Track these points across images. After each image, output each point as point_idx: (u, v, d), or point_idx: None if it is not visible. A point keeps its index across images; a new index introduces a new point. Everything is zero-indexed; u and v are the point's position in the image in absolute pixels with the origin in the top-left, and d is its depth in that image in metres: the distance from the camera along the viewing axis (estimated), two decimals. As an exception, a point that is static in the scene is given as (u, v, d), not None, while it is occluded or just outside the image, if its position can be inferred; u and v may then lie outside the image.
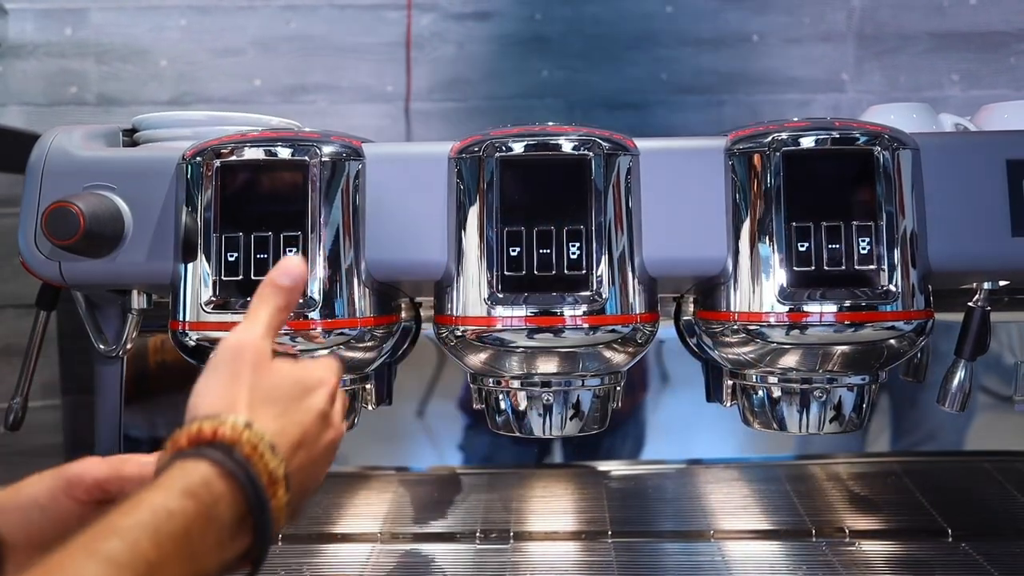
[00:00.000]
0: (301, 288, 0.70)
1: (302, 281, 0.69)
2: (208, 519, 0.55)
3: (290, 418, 0.64)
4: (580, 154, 0.90)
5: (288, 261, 0.69)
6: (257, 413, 0.61)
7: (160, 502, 0.54)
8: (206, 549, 0.55)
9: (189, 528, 0.54)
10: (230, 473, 0.57)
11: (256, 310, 0.67)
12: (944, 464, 1.25)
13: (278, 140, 0.93)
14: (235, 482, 0.57)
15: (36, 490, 0.68)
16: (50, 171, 0.95)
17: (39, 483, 0.69)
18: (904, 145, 0.91)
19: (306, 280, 0.72)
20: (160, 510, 0.53)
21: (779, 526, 1.18)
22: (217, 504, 0.56)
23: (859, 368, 0.93)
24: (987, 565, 1.06)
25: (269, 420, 0.62)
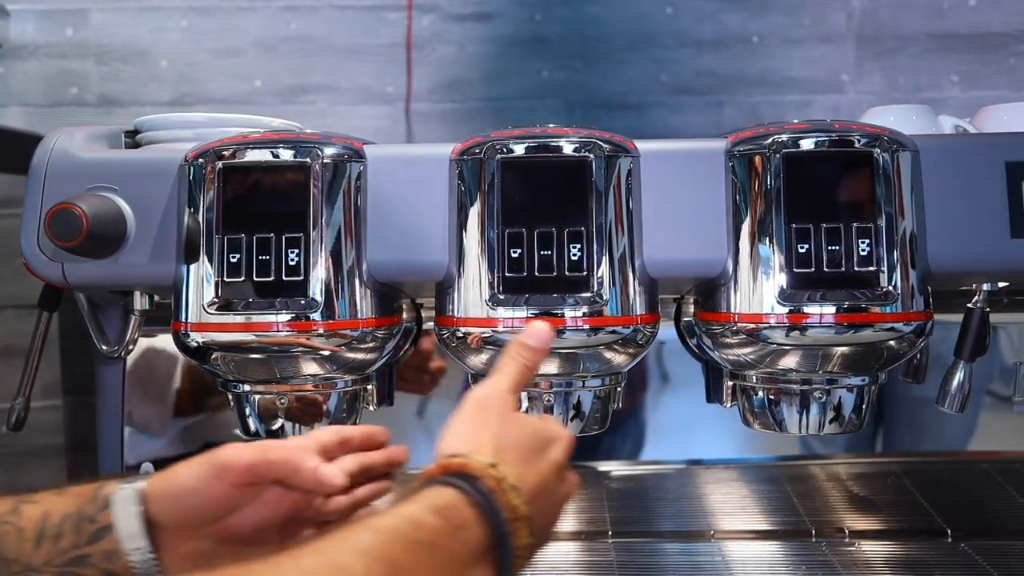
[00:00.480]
0: (546, 351, 0.76)
1: (548, 344, 0.76)
2: (453, 538, 0.59)
3: (531, 466, 0.67)
4: (581, 156, 0.91)
5: (536, 325, 0.76)
6: (501, 457, 0.65)
7: (411, 513, 0.59)
8: (448, 567, 0.59)
9: (436, 542, 0.58)
10: (476, 502, 0.61)
11: (504, 366, 0.73)
12: (944, 465, 1.25)
13: (280, 142, 0.93)
14: (480, 510, 0.61)
15: (188, 477, 0.73)
16: (53, 173, 0.95)
17: (191, 470, 0.74)
18: (904, 147, 0.91)
19: (551, 344, 0.77)
20: (411, 519, 0.58)
21: (779, 526, 1.19)
22: (463, 528, 0.60)
23: (859, 369, 0.94)
24: (987, 566, 1.07)
25: (512, 464, 0.65)
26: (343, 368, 0.95)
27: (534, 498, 0.65)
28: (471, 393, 0.71)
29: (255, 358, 0.91)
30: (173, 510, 0.73)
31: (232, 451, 0.73)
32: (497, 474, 0.63)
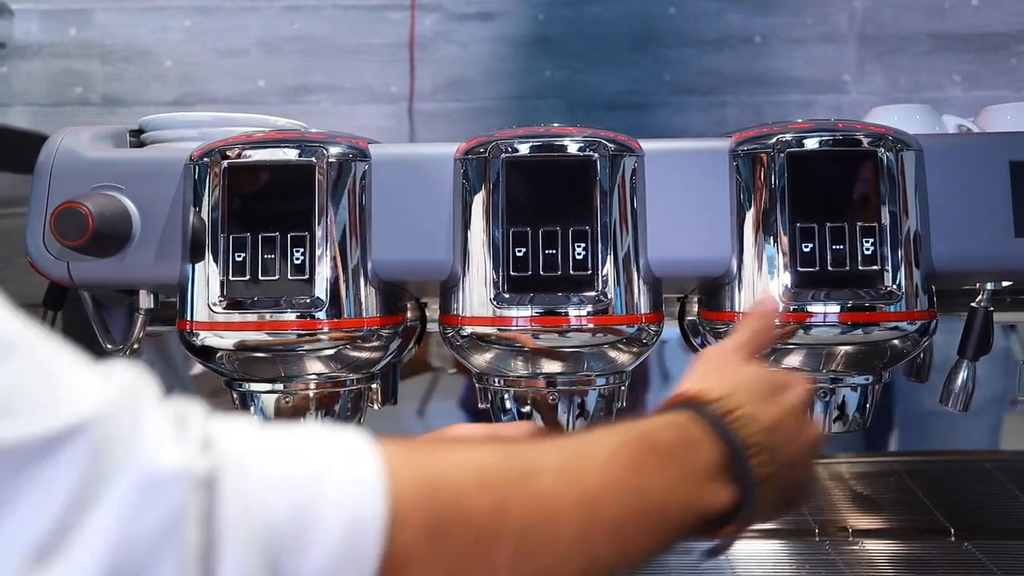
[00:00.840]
0: (775, 317, 0.83)
1: (774, 313, 0.84)
2: (689, 450, 0.61)
3: (764, 404, 0.67)
4: (585, 155, 0.91)
5: (765, 298, 0.87)
6: (732, 393, 0.66)
7: (647, 426, 0.61)
8: (686, 476, 0.60)
9: (672, 451, 0.60)
10: (707, 423, 0.62)
11: (739, 330, 0.77)
12: (947, 464, 1.25)
13: (285, 141, 0.93)
14: (712, 429, 0.62)
15: None
16: (58, 172, 0.95)
17: None
18: (907, 146, 0.91)
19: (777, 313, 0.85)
20: (647, 428, 0.61)
21: (782, 525, 1.19)
22: (697, 443, 0.61)
23: (863, 368, 0.94)
24: (990, 565, 1.07)
25: (744, 401, 0.65)
26: (348, 367, 0.95)
27: (771, 433, 0.65)
28: (702, 352, 0.78)
29: (260, 357, 0.91)
30: None
31: (465, 429, 0.77)
32: (728, 404, 0.64)
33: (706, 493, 0.61)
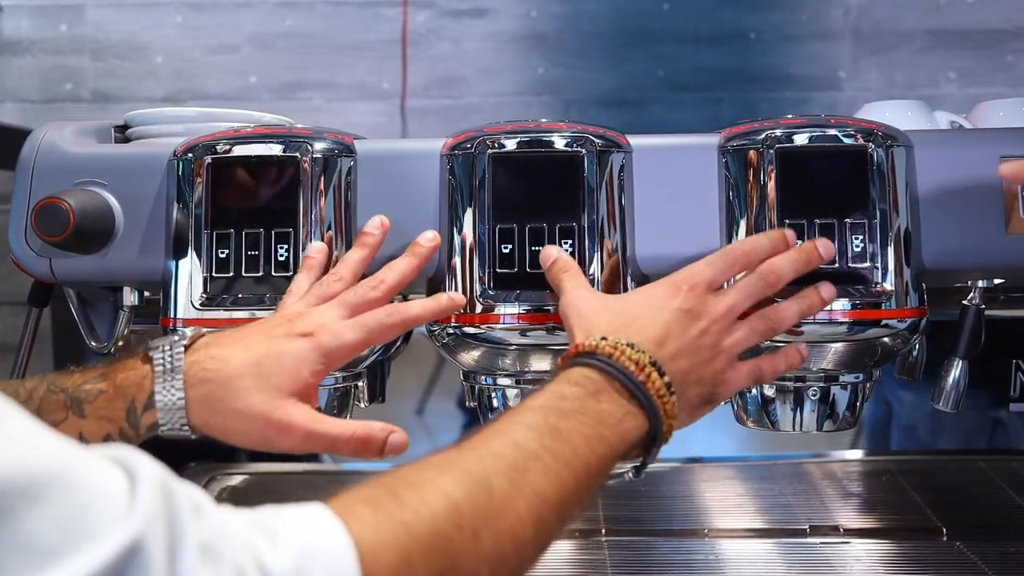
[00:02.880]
0: None
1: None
2: (596, 399, 0.69)
3: (645, 320, 0.75)
4: (573, 151, 0.90)
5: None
6: (615, 332, 0.74)
7: (555, 389, 0.69)
8: (601, 421, 0.67)
9: (582, 407, 0.68)
10: (598, 367, 0.71)
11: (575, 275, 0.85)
12: (939, 463, 1.24)
13: (270, 136, 0.92)
14: (604, 372, 0.70)
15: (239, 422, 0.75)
16: (40, 167, 0.94)
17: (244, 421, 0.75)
18: (898, 142, 0.91)
19: None
20: (556, 393, 0.68)
21: (773, 524, 1.18)
22: (600, 391, 0.69)
23: (853, 366, 0.93)
24: (981, 564, 1.06)
25: (622, 330, 0.74)
26: (333, 364, 0.94)
27: (659, 346, 0.73)
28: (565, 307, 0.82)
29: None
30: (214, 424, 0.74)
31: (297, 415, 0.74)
32: (607, 345, 0.72)
33: (623, 432, 0.69)
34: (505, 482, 0.59)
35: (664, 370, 0.72)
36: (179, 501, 0.44)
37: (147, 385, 0.73)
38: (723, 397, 0.79)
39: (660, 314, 0.76)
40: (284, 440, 0.74)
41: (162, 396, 0.72)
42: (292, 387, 0.74)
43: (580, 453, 0.65)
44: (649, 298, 0.78)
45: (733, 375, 0.79)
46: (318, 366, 0.75)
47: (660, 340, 0.74)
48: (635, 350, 0.72)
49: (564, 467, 0.63)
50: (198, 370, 0.73)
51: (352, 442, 0.75)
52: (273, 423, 0.73)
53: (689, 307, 0.77)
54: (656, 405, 0.71)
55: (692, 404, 0.76)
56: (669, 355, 0.74)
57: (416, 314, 0.82)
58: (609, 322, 0.76)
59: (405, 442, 0.76)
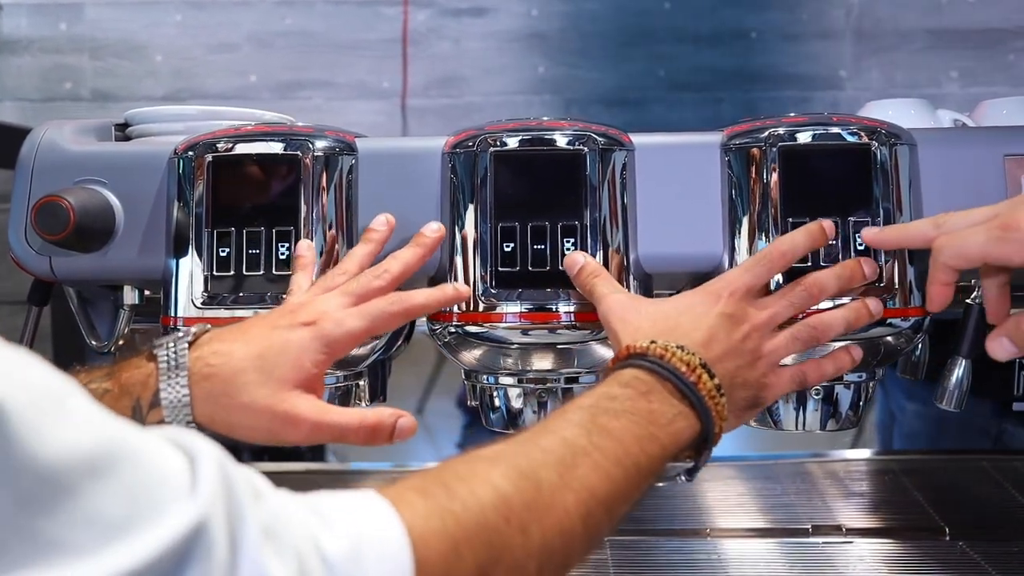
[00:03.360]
0: None
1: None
2: (648, 399, 0.69)
3: (689, 326, 0.76)
4: (575, 149, 0.90)
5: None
6: (661, 335, 0.74)
7: (604, 390, 0.69)
8: (652, 420, 0.68)
9: (634, 405, 0.68)
10: (650, 368, 0.71)
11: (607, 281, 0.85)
12: (942, 462, 1.24)
13: (271, 135, 0.92)
14: (656, 373, 0.71)
15: (245, 416, 0.74)
16: (40, 166, 0.94)
17: (252, 416, 0.74)
18: (901, 141, 0.90)
19: None
20: (606, 394, 0.69)
21: (776, 524, 1.18)
22: (650, 391, 0.69)
23: (856, 365, 0.93)
24: (985, 564, 1.06)
25: (668, 334, 0.75)
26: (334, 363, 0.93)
27: (707, 346, 0.74)
28: (608, 310, 0.82)
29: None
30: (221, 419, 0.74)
31: (302, 407, 0.73)
32: (658, 348, 0.72)
33: (674, 432, 0.69)
34: (554, 476, 0.60)
35: (714, 372, 0.73)
36: (238, 484, 0.45)
37: (152, 383, 0.72)
38: (768, 401, 0.80)
39: (703, 319, 0.76)
40: (291, 432, 0.73)
41: (167, 394, 0.72)
42: (296, 378, 0.73)
43: (631, 451, 0.65)
44: (689, 305, 0.78)
45: (776, 380, 0.79)
46: (320, 355, 0.75)
47: (706, 343, 0.75)
48: (685, 352, 0.72)
49: (614, 464, 0.63)
50: (202, 366, 0.73)
51: (362, 430, 0.74)
52: (279, 416, 0.72)
53: (731, 312, 0.77)
54: (708, 406, 0.71)
55: (739, 407, 0.77)
56: (716, 357, 0.74)
57: (420, 303, 0.81)
58: (653, 326, 0.76)
59: (414, 426, 0.76)
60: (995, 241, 0.75)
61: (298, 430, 0.73)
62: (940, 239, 0.79)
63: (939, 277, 0.80)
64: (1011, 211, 0.75)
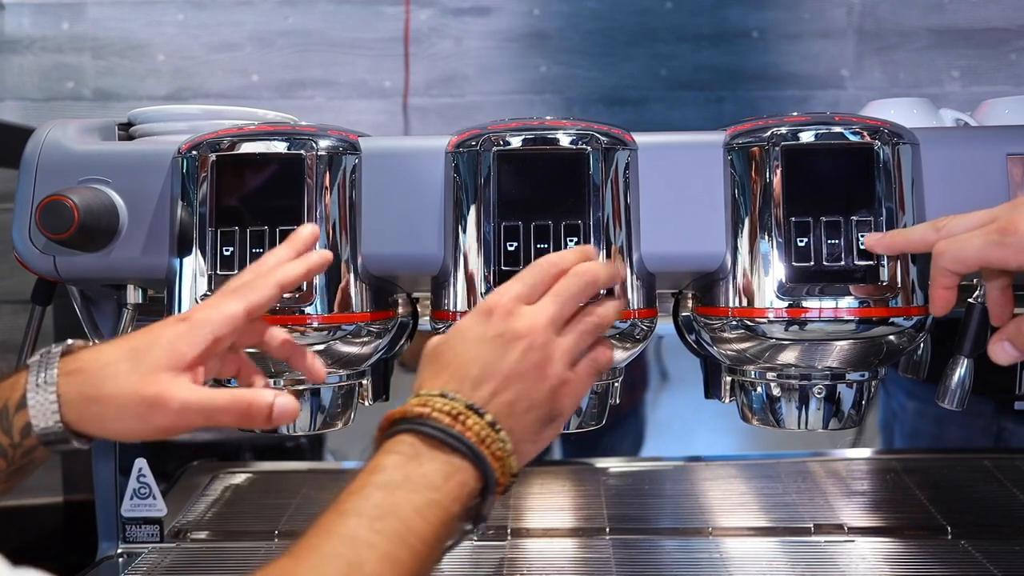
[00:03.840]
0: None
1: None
2: (418, 463, 0.66)
3: (459, 361, 0.71)
4: (578, 148, 0.90)
5: None
6: (438, 379, 0.71)
7: (373, 464, 0.67)
8: (427, 485, 0.65)
9: (406, 474, 0.65)
10: (412, 431, 0.68)
11: None
12: (944, 461, 1.24)
13: (274, 134, 0.92)
14: (420, 433, 0.67)
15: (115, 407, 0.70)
16: (44, 165, 0.94)
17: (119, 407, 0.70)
18: (904, 140, 0.90)
19: None
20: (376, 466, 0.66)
21: (777, 523, 1.18)
22: (419, 455, 0.66)
23: (858, 364, 0.93)
24: (987, 563, 1.06)
25: (440, 376, 0.71)
26: (337, 362, 0.94)
27: (476, 387, 0.70)
28: None
29: (249, 352, 0.90)
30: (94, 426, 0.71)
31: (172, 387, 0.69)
32: (420, 399, 0.69)
33: (453, 489, 0.66)
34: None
35: (484, 410, 0.69)
36: None
37: (20, 385, 0.70)
38: (567, 411, 0.75)
39: (474, 348, 0.72)
40: (160, 416, 0.69)
41: (33, 394, 0.69)
42: (169, 362, 0.70)
43: (413, 527, 0.63)
44: (461, 332, 0.74)
45: (571, 387, 0.74)
46: (197, 337, 0.71)
47: (477, 379, 0.70)
48: (447, 399, 0.69)
49: (400, 546, 0.61)
50: (71, 365, 0.70)
51: (233, 410, 0.70)
52: (147, 399, 0.68)
53: (501, 331, 0.72)
54: (480, 451, 0.67)
55: (532, 431, 0.72)
56: (489, 392, 0.70)
57: (293, 274, 0.77)
58: (430, 372, 0.73)
59: (295, 408, 0.72)
60: (993, 245, 0.75)
61: (166, 412, 0.68)
62: (939, 244, 0.80)
63: (940, 281, 0.80)
64: (1009, 215, 0.75)
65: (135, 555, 1.15)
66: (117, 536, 1.18)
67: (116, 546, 1.17)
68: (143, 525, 1.18)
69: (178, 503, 1.21)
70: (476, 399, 0.69)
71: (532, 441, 0.73)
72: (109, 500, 1.17)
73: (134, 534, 1.18)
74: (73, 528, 1.54)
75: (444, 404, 0.68)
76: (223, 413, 0.70)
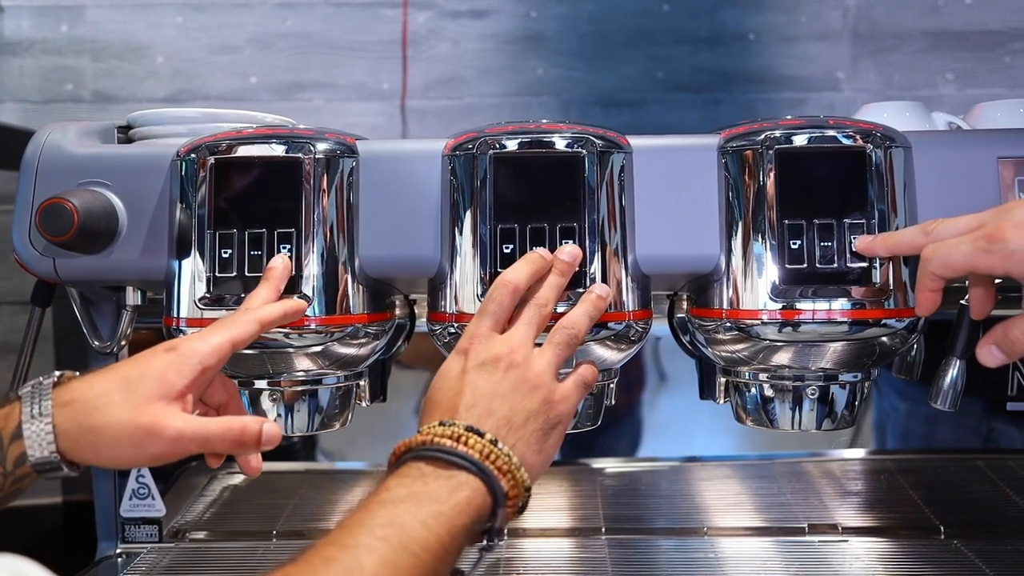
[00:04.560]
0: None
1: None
2: (424, 483, 0.69)
3: (448, 398, 0.76)
4: (573, 152, 0.91)
5: None
6: (436, 417, 0.75)
7: (382, 486, 0.69)
8: (432, 498, 0.67)
9: (412, 492, 0.68)
10: (420, 457, 0.71)
11: None
12: (937, 461, 1.25)
13: (273, 137, 0.93)
14: (425, 458, 0.70)
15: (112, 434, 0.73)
16: (44, 167, 0.95)
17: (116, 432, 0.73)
18: (896, 143, 0.91)
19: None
20: (384, 487, 0.69)
21: (772, 523, 1.19)
22: (426, 476, 0.69)
23: (851, 365, 0.94)
24: (979, 563, 1.07)
25: (434, 415, 0.75)
26: (335, 364, 0.95)
27: (468, 410, 0.74)
28: None
29: (247, 353, 0.91)
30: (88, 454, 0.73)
31: (165, 416, 0.72)
32: (423, 433, 0.72)
33: (459, 502, 0.68)
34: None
35: (483, 429, 0.72)
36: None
37: (15, 415, 0.72)
38: (565, 416, 0.78)
39: (459, 382, 0.76)
40: (155, 444, 0.72)
41: (29, 424, 0.71)
42: (161, 392, 0.73)
43: (416, 535, 0.65)
44: (444, 374, 0.78)
45: (560, 394, 0.78)
46: (185, 367, 0.74)
47: (469, 405, 0.74)
48: (446, 426, 0.72)
49: (400, 553, 0.63)
50: (65, 396, 0.72)
51: (227, 437, 0.74)
52: (142, 428, 0.71)
53: (481, 361, 0.77)
54: (484, 465, 0.70)
55: (535, 441, 0.75)
56: (483, 412, 0.74)
57: (273, 315, 0.83)
58: (426, 414, 0.76)
59: (279, 433, 0.77)
60: (980, 252, 0.76)
61: (161, 440, 0.71)
62: (927, 248, 0.81)
63: (927, 284, 0.81)
64: (996, 221, 0.76)
65: (134, 555, 1.16)
66: (116, 536, 1.18)
67: (115, 546, 1.18)
68: (142, 525, 1.19)
69: (177, 503, 1.21)
70: (473, 421, 0.73)
71: (537, 451, 0.75)
72: (108, 500, 1.18)
73: (133, 534, 1.19)
74: (72, 528, 1.55)
75: (444, 430, 0.72)
76: (217, 440, 0.74)
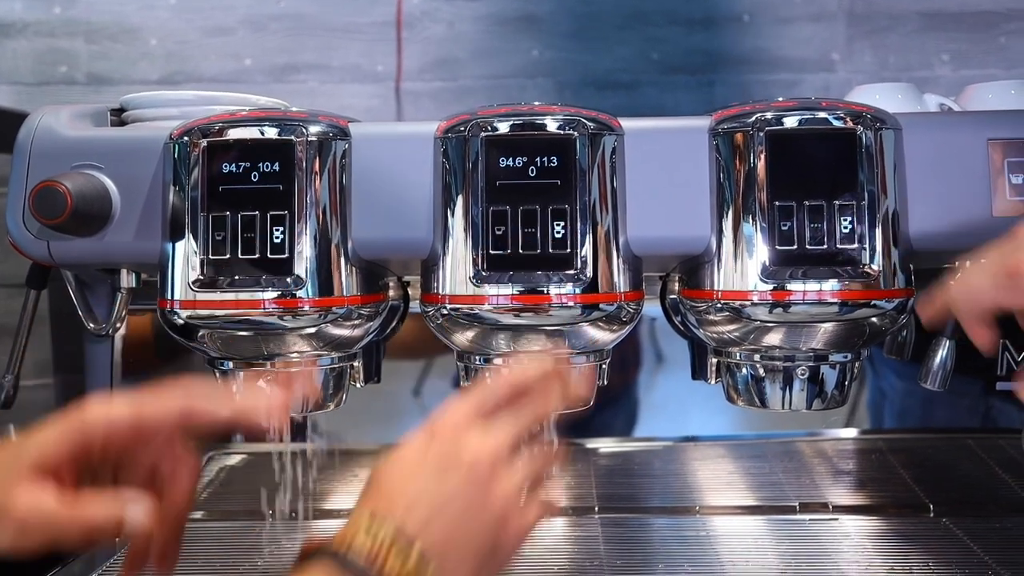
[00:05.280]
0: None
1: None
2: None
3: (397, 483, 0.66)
4: (565, 134, 0.91)
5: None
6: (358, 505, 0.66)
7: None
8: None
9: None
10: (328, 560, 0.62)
11: None
12: (928, 441, 1.26)
13: (265, 120, 0.93)
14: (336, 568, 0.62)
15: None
16: (37, 150, 0.95)
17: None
18: (887, 125, 0.92)
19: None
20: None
21: (764, 501, 1.20)
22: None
23: (841, 346, 0.94)
24: (968, 540, 1.08)
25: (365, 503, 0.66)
26: (329, 345, 0.95)
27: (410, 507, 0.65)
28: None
29: (241, 335, 0.92)
30: None
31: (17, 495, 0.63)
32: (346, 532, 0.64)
33: None
34: None
35: (414, 537, 0.63)
36: None
37: None
38: (512, 547, 0.69)
39: (413, 471, 0.67)
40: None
41: None
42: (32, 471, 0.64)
43: None
44: (403, 455, 0.68)
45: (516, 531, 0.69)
46: (73, 435, 0.66)
47: (411, 504, 0.65)
48: (371, 532, 0.63)
49: None
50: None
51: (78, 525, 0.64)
52: None
53: (445, 451, 0.67)
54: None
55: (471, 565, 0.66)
56: (423, 519, 0.64)
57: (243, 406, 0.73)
58: (367, 494, 0.67)
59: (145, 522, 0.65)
60: (1004, 290, 0.74)
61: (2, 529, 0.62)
62: (951, 290, 0.79)
63: (969, 324, 0.78)
64: (1014, 255, 0.74)
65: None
66: (113, 516, 1.19)
67: (113, 526, 1.19)
68: (139, 506, 1.19)
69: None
70: (409, 523, 0.64)
71: (474, 572, 0.66)
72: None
73: (130, 514, 1.19)
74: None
75: (366, 539, 0.63)
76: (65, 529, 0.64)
